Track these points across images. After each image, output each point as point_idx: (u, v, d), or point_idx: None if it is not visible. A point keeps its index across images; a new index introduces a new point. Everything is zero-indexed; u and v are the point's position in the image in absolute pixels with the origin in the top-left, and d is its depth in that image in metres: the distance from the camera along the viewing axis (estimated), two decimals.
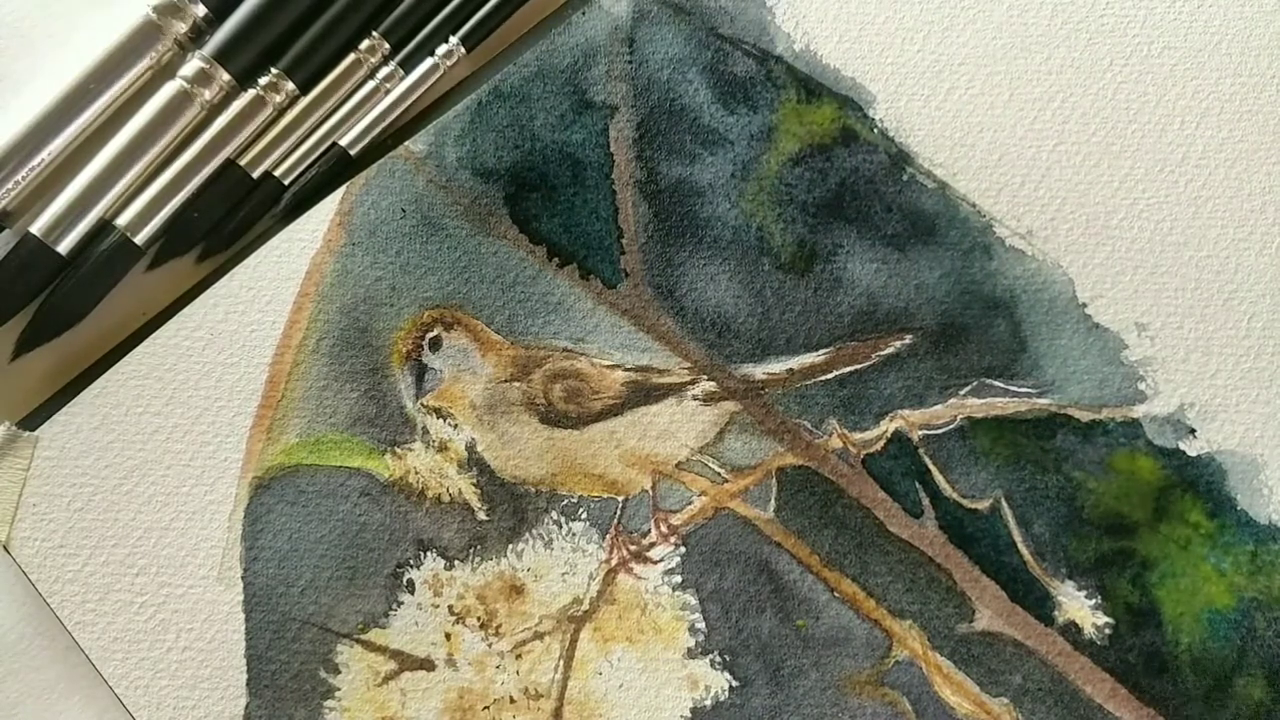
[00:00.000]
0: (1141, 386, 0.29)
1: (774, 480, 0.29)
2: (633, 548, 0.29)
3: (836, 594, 0.28)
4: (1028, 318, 0.29)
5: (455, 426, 0.29)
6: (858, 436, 0.29)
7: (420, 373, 0.29)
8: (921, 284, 0.30)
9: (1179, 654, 0.28)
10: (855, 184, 0.30)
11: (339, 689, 0.28)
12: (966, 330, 0.29)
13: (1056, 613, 0.28)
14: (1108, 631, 0.28)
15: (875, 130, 0.31)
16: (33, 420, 0.29)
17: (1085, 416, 0.29)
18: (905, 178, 0.30)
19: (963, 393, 0.29)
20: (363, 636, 0.28)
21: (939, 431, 0.29)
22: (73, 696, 0.28)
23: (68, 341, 0.30)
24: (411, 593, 0.28)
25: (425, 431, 0.29)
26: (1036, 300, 0.29)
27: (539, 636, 0.28)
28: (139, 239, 0.29)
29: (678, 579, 0.28)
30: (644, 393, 0.29)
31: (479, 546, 0.29)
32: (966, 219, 0.30)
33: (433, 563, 0.28)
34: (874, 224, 0.30)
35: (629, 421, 0.29)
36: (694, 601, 0.28)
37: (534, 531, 0.29)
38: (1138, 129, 0.31)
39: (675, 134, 0.31)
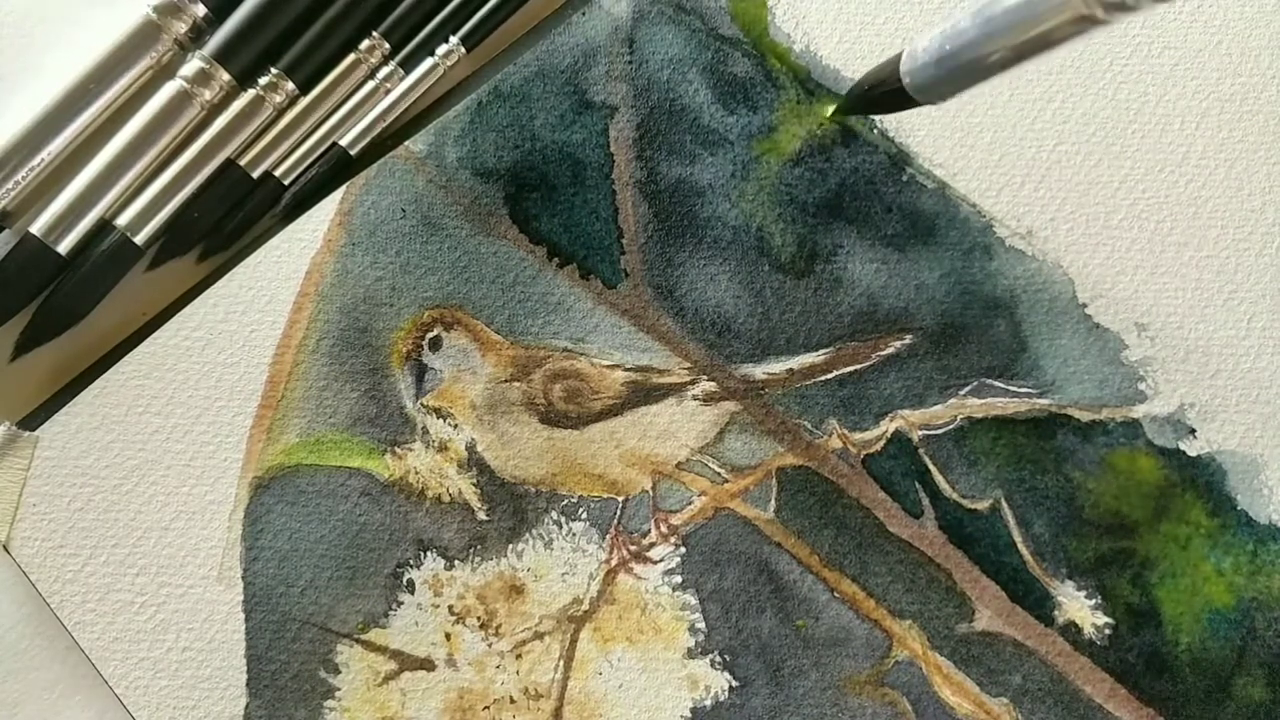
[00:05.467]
0: (1141, 386, 0.29)
1: (774, 480, 0.29)
2: (633, 548, 0.29)
3: (836, 594, 0.28)
4: (1028, 318, 0.29)
5: (455, 426, 0.29)
6: (858, 436, 0.29)
7: (420, 373, 0.29)
8: (921, 284, 0.30)
9: (1179, 654, 0.28)
10: (855, 184, 0.30)
11: (339, 689, 0.28)
12: (966, 330, 0.29)
13: (1056, 613, 0.28)
14: (1108, 631, 0.28)
15: (875, 130, 0.31)
16: (33, 420, 0.29)
17: (1085, 416, 0.29)
18: (905, 178, 0.30)
19: (963, 393, 0.29)
20: (363, 636, 0.28)
21: (939, 431, 0.29)
22: (73, 696, 0.28)
23: (68, 341, 0.30)
24: (411, 593, 0.28)
25: (425, 431, 0.29)
26: (1036, 300, 0.29)
27: (539, 636, 0.28)
28: (139, 239, 0.29)
29: (678, 579, 0.28)
30: (644, 393, 0.29)
31: (479, 546, 0.29)
32: (966, 219, 0.30)
33: (433, 563, 0.28)
34: (874, 224, 0.30)
35: (629, 421, 0.29)
36: (694, 601, 0.28)
37: (534, 531, 0.29)
38: (1138, 129, 0.31)
39: (675, 134, 0.31)
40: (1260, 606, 0.28)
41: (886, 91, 0.27)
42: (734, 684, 0.28)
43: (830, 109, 0.30)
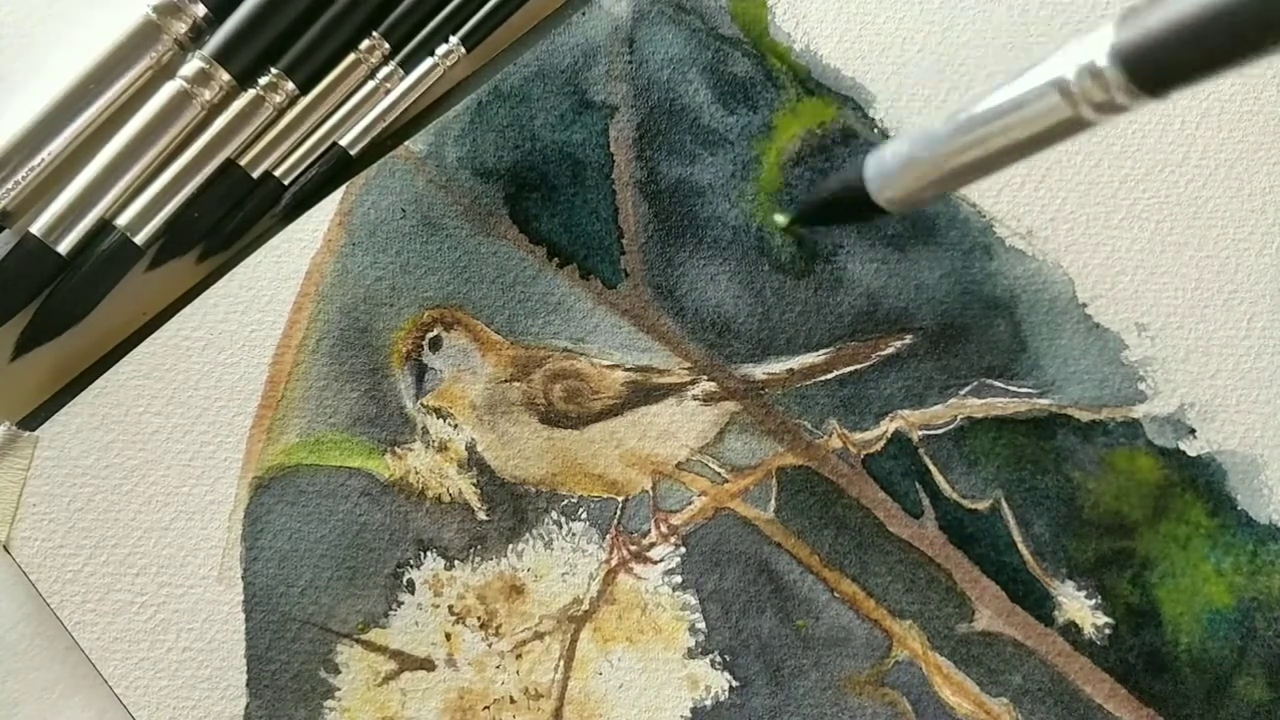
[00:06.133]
0: (1141, 386, 0.29)
1: (774, 480, 0.29)
2: (633, 548, 0.29)
3: (836, 594, 0.28)
4: (1028, 318, 0.29)
5: (455, 426, 0.29)
6: (858, 436, 0.29)
7: (420, 373, 0.29)
8: (921, 284, 0.30)
9: (1179, 654, 0.28)
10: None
11: (339, 689, 0.28)
12: (966, 330, 0.29)
13: (1056, 613, 0.28)
14: (1108, 631, 0.28)
15: (875, 130, 0.31)
16: (33, 420, 0.29)
17: (1085, 416, 0.29)
18: None
19: (963, 393, 0.29)
20: (363, 636, 0.28)
21: (939, 431, 0.29)
22: (73, 696, 0.28)
23: (68, 341, 0.30)
24: (411, 593, 0.28)
25: (425, 431, 0.29)
26: (1036, 300, 0.29)
27: (539, 636, 0.28)
28: (139, 239, 0.29)
29: (678, 579, 0.28)
30: (644, 393, 0.29)
31: (479, 546, 0.29)
32: (966, 219, 0.30)
33: (433, 563, 0.28)
34: (874, 224, 0.30)
35: (629, 421, 0.29)
36: (694, 601, 0.28)
37: (534, 531, 0.29)
38: (1138, 129, 0.31)
39: (675, 134, 0.31)
40: (1260, 606, 0.28)
41: (850, 201, 0.25)
42: (734, 684, 0.28)
43: (785, 219, 0.30)
